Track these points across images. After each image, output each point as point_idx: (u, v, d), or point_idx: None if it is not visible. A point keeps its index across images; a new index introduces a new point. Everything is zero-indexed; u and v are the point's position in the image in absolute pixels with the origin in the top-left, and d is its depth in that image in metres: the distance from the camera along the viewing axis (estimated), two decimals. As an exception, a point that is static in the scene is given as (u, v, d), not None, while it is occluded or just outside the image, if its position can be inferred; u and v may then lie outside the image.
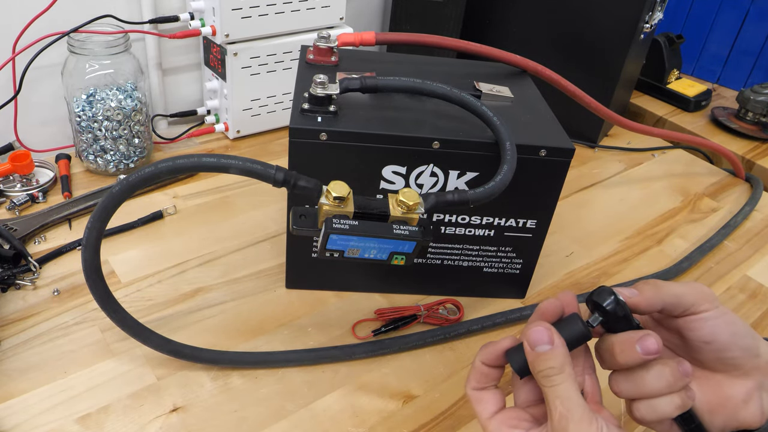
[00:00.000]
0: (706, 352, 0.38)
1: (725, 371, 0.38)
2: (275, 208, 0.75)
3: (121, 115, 0.74)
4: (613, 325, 0.37)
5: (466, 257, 0.62)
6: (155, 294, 0.61)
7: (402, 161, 0.55)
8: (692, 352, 0.38)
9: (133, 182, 0.44)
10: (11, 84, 0.74)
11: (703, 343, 0.37)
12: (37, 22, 0.72)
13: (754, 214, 0.87)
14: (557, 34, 0.96)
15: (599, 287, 0.37)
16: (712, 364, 0.38)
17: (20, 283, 0.60)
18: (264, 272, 0.65)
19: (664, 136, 0.90)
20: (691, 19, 1.31)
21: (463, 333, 0.60)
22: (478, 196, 0.48)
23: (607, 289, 0.37)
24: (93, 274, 0.47)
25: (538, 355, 0.36)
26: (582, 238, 0.78)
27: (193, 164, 0.44)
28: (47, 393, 0.50)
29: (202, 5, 0.80)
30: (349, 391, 0.54)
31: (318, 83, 0.53)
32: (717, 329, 0.37)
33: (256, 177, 0.44)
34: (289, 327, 0.59)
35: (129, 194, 0.44)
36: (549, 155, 0.55)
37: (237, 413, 0.51)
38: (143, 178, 0.44)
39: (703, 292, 0.37)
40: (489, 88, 0.62)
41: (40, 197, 0.72)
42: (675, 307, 0.37)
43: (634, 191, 0.90)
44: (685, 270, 0.73)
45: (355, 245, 0.46)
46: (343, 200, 0.46)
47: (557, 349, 0.36)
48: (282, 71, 0.88)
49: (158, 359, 0.54)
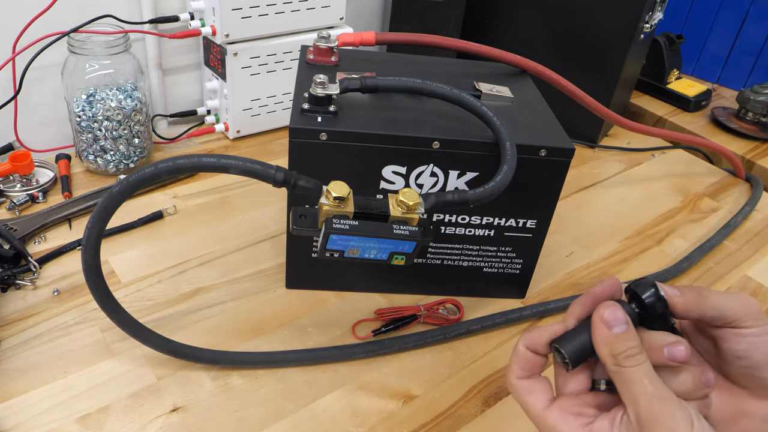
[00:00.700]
0: (737, 366, 0.36)
1: (751, 388, 0.36)
2: (275, 208, 0.75)
3: (121, 115, 0.74)
4: (649, 320, 0.35)
5: (466, 257, 0.62)
6: (155, 294, 0.61)
7: (402, 161, 0.55)
8: (722, 363, 0.37)
9: (133, 182, 0.44)
10: (11, 84, 0.74)
11: (736, 358, 0.35)
12: (37, 22, 0.72)
13: (754, 214, 0.87)
14: (557, 34, 0.96)
15: (642, 278, 0.36)
16: (739, 379, 0.36)
17: (20, 283, 0.60)
18: (264, 272, 0.65)
19: (664, 136, 0.90)
20: (691, 19, 1.31)
21: (463, 333, 0.60)
22: (478, 196, 0.48)
23: (649, 281, 0.35)
24: (93, 274, 0.47)
25: (618, 336, 0.33)
26: (582, 238, 0.78)
27: (193, 164, 0.44)
28: (47, 393, 0.50)
29: (202, 5, 0.80)
30: (349, 391, 0.54)
31: (318, 83, 0.53)
32: (755, 347, 0.35)
33: (256, 177, 0.44)
34: (289, 327, 0.59)
35: (129, 194, 0.44)
36: (549, 155, 0.55)
37: (237, 413, 0.51)
38: (143, 178, 0.44)
39: (750, 308, 0.35)
40: (489, 88, 0.62)
41: (40, 197, 0.72)
42: (714, 320, 0.35)
43: (634, 191, 0.90)
44: (685, 270, 0.73)
45: (355, 245, 0.46)
46: (343, 200, 0.46)
47: (632, 328, 0.34)
48: (282, 71, 0.88)
49: (158, 359, 0.54)
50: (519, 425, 0.53)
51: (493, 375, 0.57)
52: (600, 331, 0.34)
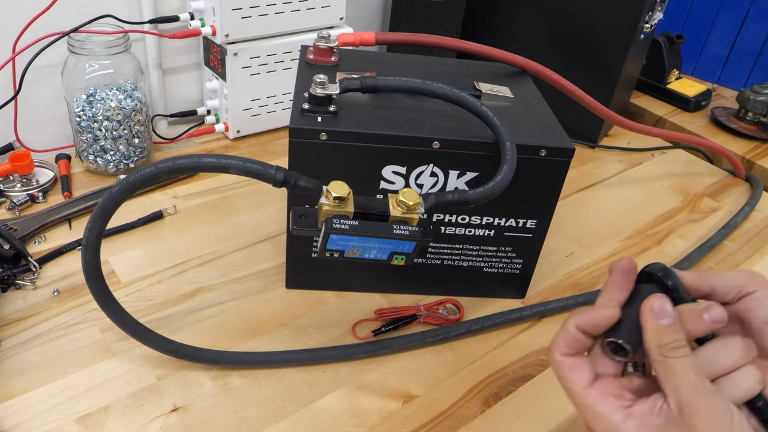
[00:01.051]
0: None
1: None
2: (275, 208, 0.75)
3: (121, 115, 0.74)
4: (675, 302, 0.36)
5: (466, 257, 0.62)
6: (155, 294, 0.61)
7: (402, 161, 0.55)
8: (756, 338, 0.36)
9: (132, 182, 0.44)
10: (11, 84, 0.74)
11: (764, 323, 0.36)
12: (37, 22, 0.72)
13: (754, 214, 0.87)
14: (557, 34, 0.96)
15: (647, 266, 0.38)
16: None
17: (20, 283, 0.60)
18: (264, 272, 0.65)
19: (664, 136, 0.90)
20: (691, 19, 1.31)
21: (463, 333, 0.60)
22: (478, 196, 0.48)
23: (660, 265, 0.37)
24: (93, 275, 0.47)
25: (666, 328, 0.34)
26: (582, 238, 0.78)
27: (192, 164, 0.44)
28: (47, 393, 0.50)
29: (202, 5, 0.80)
30: (349, 391, 0.54)
31: (318, 83, 0.53)
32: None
33: (256, 177, 0.44)
34: (289, 327, 0.59)
35: (129, 195, 0.44)
36: (549, 155, 0.55)
37: (237, 413, 0.51)
38: (143, 178, 0.44)
39: (757, 276, 0.37)
40: (489, 88, 0.62)
41: (40, 197, 0.72)
42: (726, 289, 0.37)
43: (634, 191, 0.90)
44: (685, 270, 0.73)
45: (355, 245, 0.46)
46: (343, 200, 0.46)
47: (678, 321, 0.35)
48: (282, 71, 0.88)
49: (158, 359, 0.54)
50: (519, 425, 0.53)
51: (493, 375, 0.57)
52: (650, 322, 0.35)
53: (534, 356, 0.60)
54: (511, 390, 0.56)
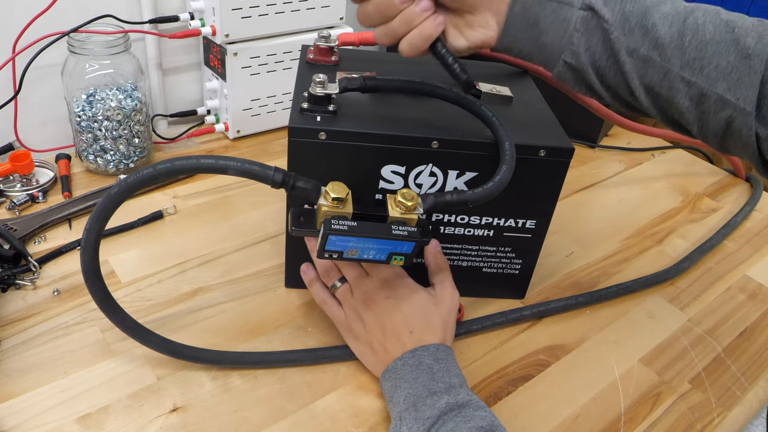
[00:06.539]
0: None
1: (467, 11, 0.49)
2: (275, 208, 0.75)
3: (121, 115, 0.74)
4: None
5: (465, 257, 0.62)
6: (155, 294, 0.61)
7: (401, 161, 0.55)
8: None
9: (131, 184, 0.44)
10: (11, 84, 0.74)
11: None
12: (37, 22, 0.72)
13: (754, 214, 0.87)
14: (557, 34, 0.95)
15: None
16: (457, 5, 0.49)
17: (20, 283, 0.60)
18: (264, 272, 0.65)
19: (664, 136, 0.90)
20: (691, 18, 1.30)
21: (463, 333, 0.60)
22: (477, 196, 0.48)
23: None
24: (92, 276, 0.47)
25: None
26: (582, 238, 0.78)
27: (191, 165, 0.44)
28: (47, 393, 0.50)
29: (202, 5, 0.80)
30: (349, 391, 0.54)
31: (317, 83, 0.53)
32: None
33: (255, 178, 0.44)
34: (289, 327, 0.59)
35: (128, 196, 0.45)
36: (548, 155, 0.55)
37: (237, 413, 0.51)
38: (142, 179, 0.44)
39: None
40: (489, 88, 0.62)
41: (40, 197, 0.72)
42: None
43: (634, 191, 0.90)
44: (685, 270, 0.73)
45: (354, 246, 0.47)
46: (342, 201, 0.46)
47: None
48: (282, 71, 0.88)
49: (158, 359, 0.54)
50: (519, 425, 0.53)
51: (493, 375, 0.57)
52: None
53: (534, 356, 0.60)
54: (511, 390, 0.56)
